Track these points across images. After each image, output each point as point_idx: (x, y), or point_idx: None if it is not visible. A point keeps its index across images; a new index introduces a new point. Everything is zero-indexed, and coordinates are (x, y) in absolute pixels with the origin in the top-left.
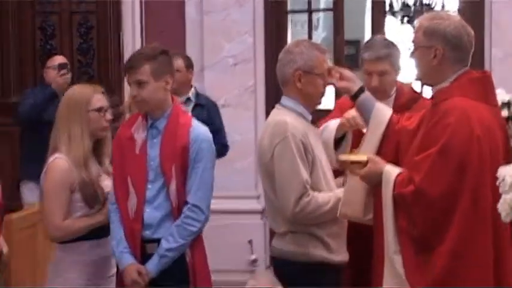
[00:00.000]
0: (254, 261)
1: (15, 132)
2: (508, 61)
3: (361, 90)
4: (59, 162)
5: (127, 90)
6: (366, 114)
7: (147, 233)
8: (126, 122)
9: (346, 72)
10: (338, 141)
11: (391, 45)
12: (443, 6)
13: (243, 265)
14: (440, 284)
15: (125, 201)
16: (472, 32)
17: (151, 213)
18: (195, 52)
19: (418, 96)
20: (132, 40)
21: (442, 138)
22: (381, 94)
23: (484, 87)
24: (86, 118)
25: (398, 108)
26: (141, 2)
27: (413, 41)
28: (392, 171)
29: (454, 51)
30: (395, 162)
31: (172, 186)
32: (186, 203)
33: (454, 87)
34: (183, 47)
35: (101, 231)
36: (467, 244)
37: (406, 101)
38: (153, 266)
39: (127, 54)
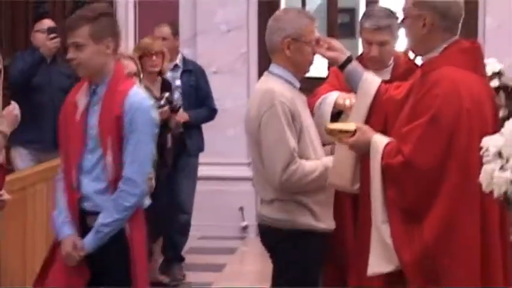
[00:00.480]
0: (245, 227)
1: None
2: (501, 30)
3: (348, 60)
4: None
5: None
6: (353, 84)
7: (87, 205)
8: (75, 87)
9: (334, 42)
10: (336, 115)
11: (391, 15)
12: None
13: (234, 231)
14: (427, 253)
15: (67, 171)
16: (462, 2)
17: (88, 185)
18: (188, 18)
19: (415, 66)
20: (125, 7)
21: (431, 109)
22: (379, 64)
23: (474, 58)
24: None
25: (396, 79)
26: None
27: (403, 10)
28: (380, 141)
29: (443, 20)
30: (384, 132)
31: (109, 158)
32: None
33: (443, 56)
34: (176, 13)
35: None
36: (455, 215)
37: (403, 71)
38: (89, 241)
39: (120, 21)
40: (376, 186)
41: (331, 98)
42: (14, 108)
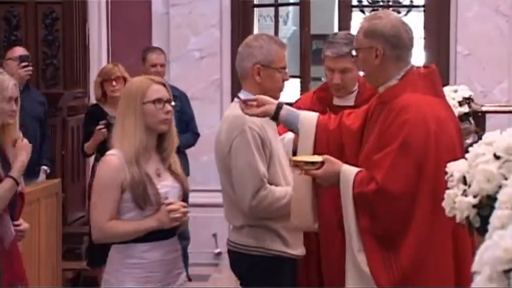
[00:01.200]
0: (218, 254)
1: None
2: (471, 58)
3: (279, 108)
4: (109, 159)
5: (92, 82)
6: (293, 126)
7: None
8: None
9: (260, 98)
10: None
11: (353, 41)
12: (411, 1)
13: (207, 258)
14: (405, 278)
15: None
16: (411, 30)
17: None
18: (161, 45)
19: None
20: (98, 32)
21: (400, 135)
22: (342, 91)
23: (433, 82)
24: (140, 111)
25: (360, 104)
26: None
27: (355, 44)
28: (350, 171)
29: (394, 50)
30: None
31: None
32: None
33: (402, 84)
34: (149, 40)
35: (159, 234)
36: (430, 238)
37: (367, 97)
38: None
39: (93, 46)
40: (349, 216)
41: (289, 137)
42: (24, 138)
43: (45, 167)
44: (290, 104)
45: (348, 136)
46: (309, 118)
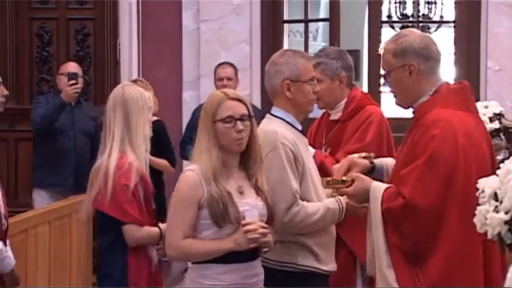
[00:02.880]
0: None
1: (10, 137)
2: (502, 73)
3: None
4: (189, 175)
5: None
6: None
7: None
8: None
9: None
10: None
11: (329, 54)
12: (441, 17)
13: None
14: None
15: None
16: (437, 43)
17: None
18: (191, 60)
19: (366, 103)
20: (129, 48)
21: (428, 149)
22: (320, 102)
23: (464, 97)
24: (212, 129)
25: (345, 116)
26: (138, 9)
27: (384, 68)
28: (379, 187)
29: (427, 63)
30: None
31: None
32: None
33: (434, 99)
34: (180, 55)
35: (236, 256)
36: (459, 254)
37: (352, 108)
38: None
39: (124, 61)
40: (378, 232)
41: None
42: None
43: None
44: None
45: None
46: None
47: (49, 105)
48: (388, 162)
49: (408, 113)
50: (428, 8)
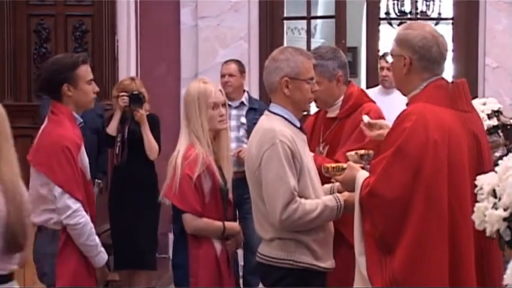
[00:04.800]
0: None
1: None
2: (500, 70)
3: None
4: None
5: None
6: None
7: None
8: None
9: (379, 123)
10: None
11: (324, 55)
12: (439, 14)
13: None
14: (395, 282)
15: None
16: (445, 43)
17: None
18: (189, 57)
19: (364, 101)
20: (127, 45)
21: (397, 141)
22: (319, 102)
23: (451, 93)
24: None
25: (342, 114)
26: (136, 6)
27: (390, 51)
28: (361, 176)
29: (421, 61)
30: None
31: None
32: None
33: (421, 94)
34: (178, 52)
35: None
36: (423, 245)
37: (350, 105)
38: None
39: (122, 58)
40: (356, 220)
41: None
42: None
43: (99, 181)
44: None
45: None
46: None
47: None
48: None
49: None
50: (426, 5)
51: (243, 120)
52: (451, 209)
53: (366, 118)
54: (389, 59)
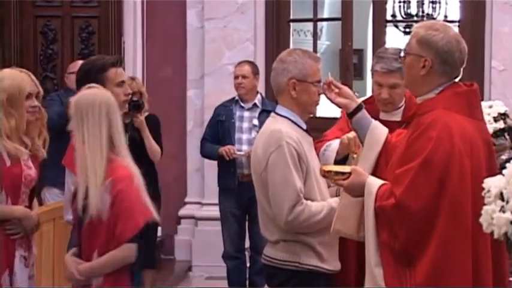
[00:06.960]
0: None
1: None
2: (506, 73)
3: (358, 108)
4: None
5: None
6: (361, 132)
7: None
8: None
9: (345, 89)
10: (340, 162)
11: (396, 60)
12: (445, 16)
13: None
14: None
15: None
16: (466, 48)
17: None
18: (195, 59)
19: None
20: (133, 46)
21: (423, 151)
22: (389, 106)
23: (469, 101)
24: None
25: (406, 120)
26: (142, 8)
27: (405, 47)
28: (374, 183)
29: (442, 65)
30: None
31: None
32: None
33: (438, 99)
34: (184, 54)
35: None
36: (448, 258)
37: (413, 114)
38: None
39: (128, 60)
40: (369, 229)
41: (335, 144)
42: None
43: None
44: (334, 119)
45: (393, 153)
46: (380, 130)
47: (64, 101)
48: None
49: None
50: (432, 8)
51: (256, 122)
52: (472, 219)
53: (330, 76)
54: (401, 53)
